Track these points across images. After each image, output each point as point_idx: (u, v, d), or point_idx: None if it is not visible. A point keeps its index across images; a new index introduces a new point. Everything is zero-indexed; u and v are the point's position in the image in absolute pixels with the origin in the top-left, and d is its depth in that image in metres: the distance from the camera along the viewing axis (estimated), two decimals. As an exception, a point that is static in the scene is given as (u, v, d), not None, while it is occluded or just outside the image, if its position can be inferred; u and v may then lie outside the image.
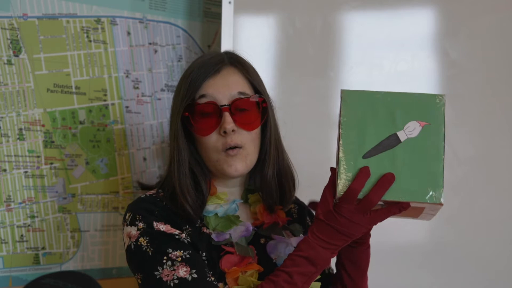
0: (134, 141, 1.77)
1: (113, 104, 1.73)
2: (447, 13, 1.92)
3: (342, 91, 1.17)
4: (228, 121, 1.27)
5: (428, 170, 1.13)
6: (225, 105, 1.28)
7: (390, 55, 1.88)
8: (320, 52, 1.86)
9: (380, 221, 1.15)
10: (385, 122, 1.15)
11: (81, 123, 1.68)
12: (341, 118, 1.16)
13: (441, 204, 1.13)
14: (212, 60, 1.33)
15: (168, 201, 1.29)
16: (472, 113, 1.90)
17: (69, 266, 1.66)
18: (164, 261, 1.19)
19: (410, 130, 1.15)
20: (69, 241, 1.66)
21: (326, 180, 1.38)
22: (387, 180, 1.11)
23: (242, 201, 1.38)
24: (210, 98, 1.29)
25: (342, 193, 1.14)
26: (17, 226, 1.59)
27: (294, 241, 1.35)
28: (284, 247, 1.34)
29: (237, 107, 1.29)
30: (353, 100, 1.17)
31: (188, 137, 1.33)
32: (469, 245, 1.86)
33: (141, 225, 1.24)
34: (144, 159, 1.78)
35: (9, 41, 1.58)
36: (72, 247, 1.67)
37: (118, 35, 1.74)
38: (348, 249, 1.33)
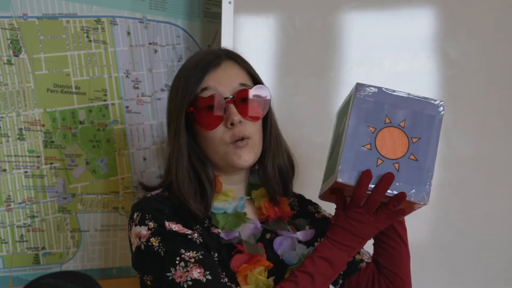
0: (134, 141, 1.77)
1: (113, 104, 1.73)
2: (447, 13, 1.92)
3: None
4: (235, 113, 1.26)
5: (339, 155, 1.17)
6: (228, 97, 1.27)
7: (390, 55, 1.88)
8: (320, 52, 1.86)
9: (386, 217, 1.16)
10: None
11: (81, 123, 1.68)
12: None
13: (336, 182, 1.14)
14: (209, 56, 1.32)
15: (176, 202, 1.27)
16: (472, 113, 1.89)
17: (69, 266, 1.66)
18: (177, 262, 1.17)
19: (344, 125, 1.20)
20: (69, 241, 1.66)
21: (325, 180, 1.39)
22: (386, 179, 1.13)
23: (249, 197, 1.37)
24: (213, 91, 1.28)
25: (319, 195, 1.28)
26: (17, 226, 1.59)
27: (300, 235, 1.35)
28: (289, 242, 1.33)
29: (241, 99, 1.28)
30: None
31: (189, 134, 1.31)
32: (469, 245, 1.86)
33: (151, 224, 1.21)
34: (144, 159, 1.78)
35: (9, 41, 1.58)
36: (72, 247, 1.67)
37: (118, 35, 1.74)
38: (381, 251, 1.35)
